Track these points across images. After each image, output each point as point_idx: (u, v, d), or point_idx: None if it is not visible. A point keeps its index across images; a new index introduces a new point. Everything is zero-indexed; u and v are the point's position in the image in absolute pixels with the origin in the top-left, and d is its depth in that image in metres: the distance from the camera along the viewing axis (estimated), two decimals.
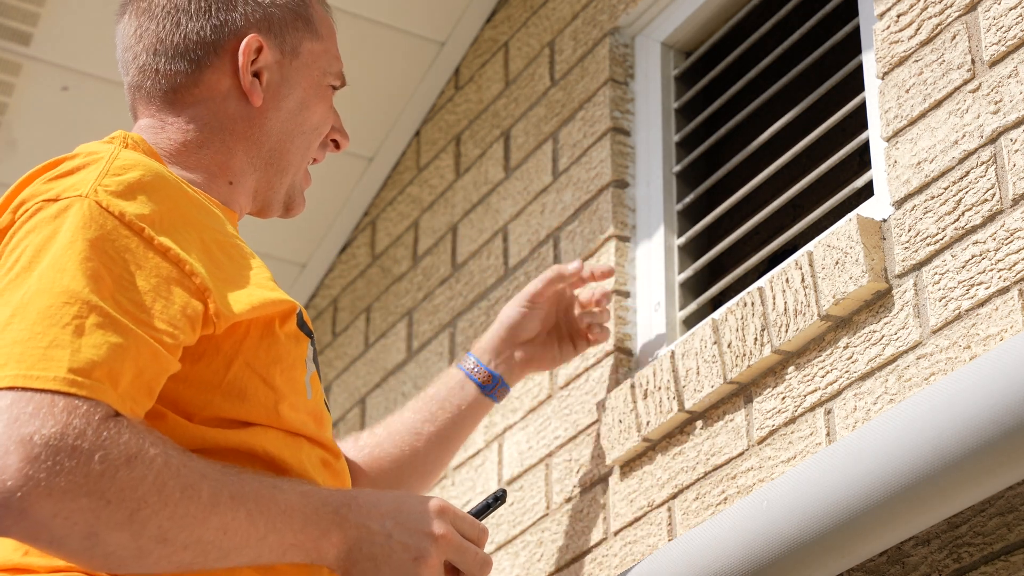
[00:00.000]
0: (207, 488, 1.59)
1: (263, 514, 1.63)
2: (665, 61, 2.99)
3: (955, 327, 2.06)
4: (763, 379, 2.37)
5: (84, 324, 1.57)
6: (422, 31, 3.51)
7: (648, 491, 2.54)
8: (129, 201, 1.68)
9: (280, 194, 2.00)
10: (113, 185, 1.69)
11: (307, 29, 1.99)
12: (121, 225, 1.66)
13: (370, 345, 3.59)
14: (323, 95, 2.01)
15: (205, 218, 1.78)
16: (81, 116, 3.56)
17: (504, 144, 3.28)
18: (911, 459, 1.82)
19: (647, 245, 2.83)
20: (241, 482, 1.63)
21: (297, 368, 1.79)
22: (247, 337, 1.74)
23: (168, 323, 1.64)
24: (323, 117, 2.01)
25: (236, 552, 1.62)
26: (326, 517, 1.68)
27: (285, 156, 1.97)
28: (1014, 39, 2.08)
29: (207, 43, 1.93)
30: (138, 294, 1.63)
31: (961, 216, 2.09)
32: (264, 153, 1.96)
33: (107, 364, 1.57)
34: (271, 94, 1.95)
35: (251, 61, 1.93)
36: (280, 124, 1.96)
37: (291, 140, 1.97)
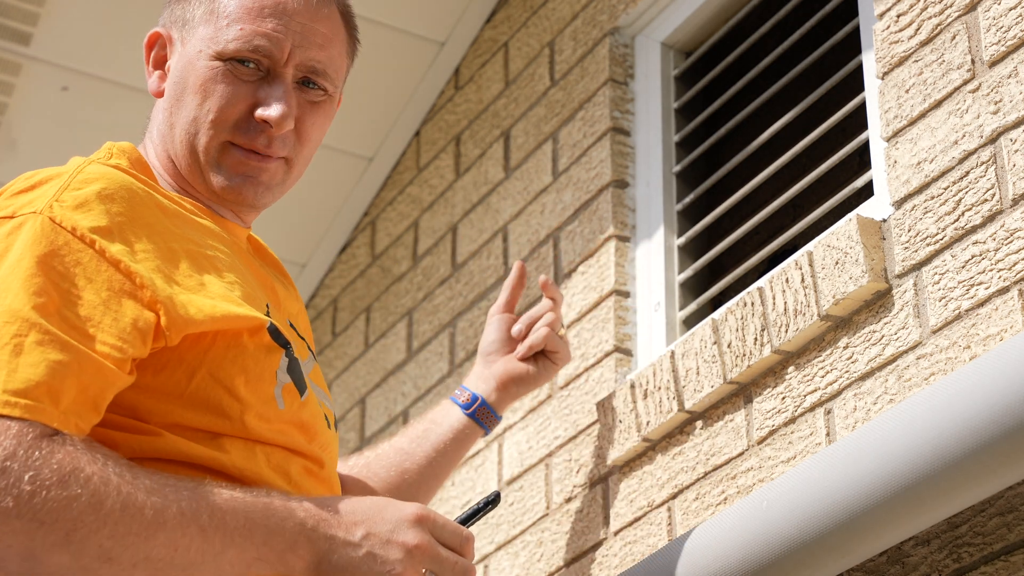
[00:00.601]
0: (152, 504, 1.55)
1: (219, 529, 1.59)
2: (665, 61, 2.99)
3: (955, 327, 2.06)
4: (763, 379, 2.37)
5: (23, 343, 1.56)
6: (422, 31, 3.51)
7: (648, 491, 2.54)
8: (84, 214, 1.68)
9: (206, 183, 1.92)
10: (69, 200, 1.69)
11: (206, 14, 1.93)
12: (73, 239, 1.65)
13: (370, 345, 3.59)
14: (209, 73, 1.90)
15: (177, 227, 1.77)
16: (81, 116, 3.56)
17: (504, 144, 3.28)
18: (911, 459, 1.82)
19: (647, 245, 2.83)
20: (195, 496, 1.59)
21: (265, 380, 1.76)
22: (212, 348, 1.72)
23: (117, 336, 1.63)
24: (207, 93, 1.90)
25: (193, 568, 1.58)
26: (292, 529, 1.64)
27: (185, 142, 1.91)
28: (1014, 39, 2.08)
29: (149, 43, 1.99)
30: (86, 308, 1.62)
31: (961, 216, 2.09)
32: (173, 144, 1.93)
33: (46, 383, 1.55)
34: (168, 84, 1.94)
35: (158, 57, 1.95)
36: (174, 113, 1.92)
37: (183, 124, 1.91)
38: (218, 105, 1.90)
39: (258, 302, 1.83)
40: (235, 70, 1.91)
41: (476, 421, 2.48)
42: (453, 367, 3.23)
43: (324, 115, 1.97)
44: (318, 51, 1.94)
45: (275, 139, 1.92)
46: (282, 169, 1.95)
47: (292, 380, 1.83)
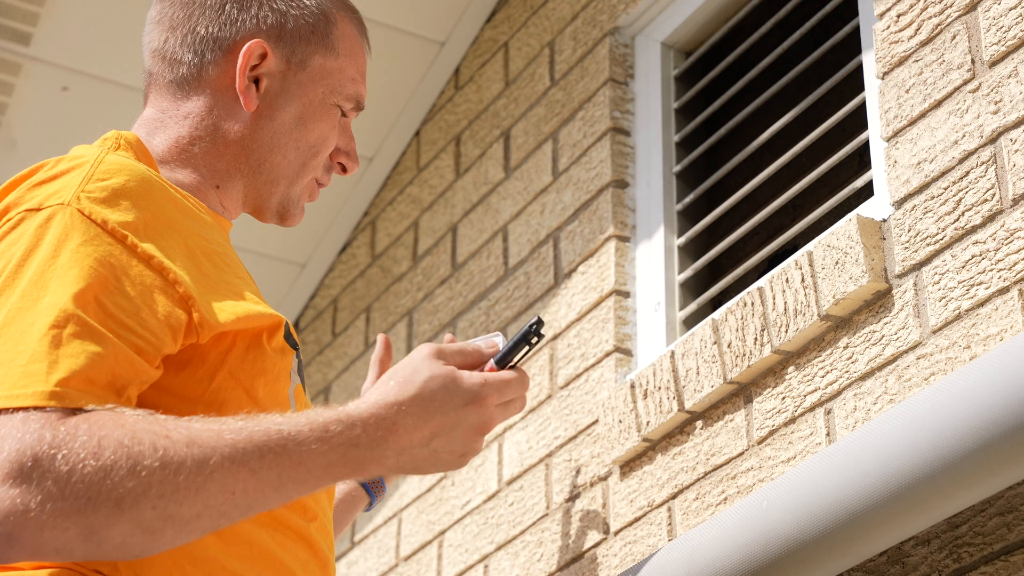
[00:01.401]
0: (192, 456, 1.52)
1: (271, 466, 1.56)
2: (665, 61, 2.99)
3: (955, 327, 2.06)
4: (763, 379, 2.37)
5: (61, 335, 1.55)
6: (422, 31, 3.51)
7: (648, 491, 2.54)
8: (112, 208, 1.66)
9: (272, 203, 1.96)
10: (96, 191, 1.67)
11: (323, 44, 1.94)
12: (104, 233, 1.64)
13: (370, 345, 3.59)
14: (327, 114, 1.95)
15: (192, 224, 1.76)
16: (81, 116, 3.56)
17: (504, 144, 3.28)
18: (911, 459, 1.82)
19: (647, 245, 2.83)
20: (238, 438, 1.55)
21: (281, 381, 1.77)
22: (233, 348, 1.71)
23: (149, 331, 1.62)
24: (323, 135, 1.95)
25: (260, 503, 1.57)
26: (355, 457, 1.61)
27: (275, 168, 1.93)
28: (1014, 39, 2.08)
29: (215, 39, 1.91)
30: (121, 300, 1.61)
31: (961, 216, 2.09)
32: (252, 161, 1.92)
33: (84, 372, 1.55)
34: (268, 102, 1.91)
35: (252, 66, 1.90)
36: (272, 134, 1.92)
37: (282, 152, 1.92)
38: (325, 149, 1.97)
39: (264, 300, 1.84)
40: (339, 114, 1.97)
41: (363, 487, 2.44)
42: None
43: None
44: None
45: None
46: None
47: (301, 381, 1.83)
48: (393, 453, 1.63)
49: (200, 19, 1.92)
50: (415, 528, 3.17)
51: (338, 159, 2.00)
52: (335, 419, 1.61)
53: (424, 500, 3.18)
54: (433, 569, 3.07)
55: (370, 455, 1.62)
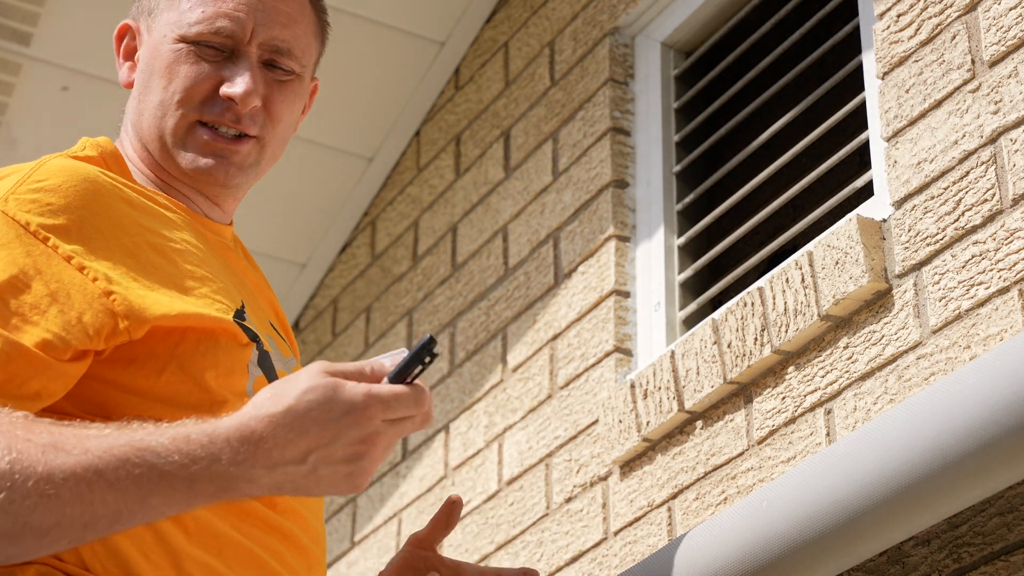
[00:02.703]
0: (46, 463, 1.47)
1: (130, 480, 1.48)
2: (665, 61, 2.99)
3: (955, 327, 2.06)
4: (763, 379, 2.37)
5: None
6: (422, 31, 3.51)
7: (648, 491, 2.54)
8: (39, 209, 1.68)
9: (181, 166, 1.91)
10: (25, 194, 1.69)
11: (168, 4, 1.95)
12: (26, 234, 1.66)
13: (370, 345, 3.59)
14: (171, 55, 1.92)
15: (146, 220, 1.77)
16: (81, 116, 3.56)
17: (504, 144, 3.28)
18: (911, 459, 1.82)
19: (647, 245, 2.83)
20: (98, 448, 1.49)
21: (236, 374, 1.75)
22: (182, 342, 1.71)
23: (60, 327, 1.62)
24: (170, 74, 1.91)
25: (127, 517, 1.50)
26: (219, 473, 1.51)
27: (153, 126, 1.92)
28: (1014, 39, 2.08)
29: (119, 31, 2.00)
30: (32, 297, 1.62)
31: (961, 216, 2.09)
32: (142, 132, 1.94)
33: None
34: (139, 74, 1.96)
35: (128, 46, 1.97)
36: (143, 100, 1.94)
37: (151, 109, 1.93)
38: (183, 86, 1.91)
39: (230, 297, 1.82)
40: (199, 51, 1.92)
41: None
42: (453, 367, 3.23)
43: (293, 94, 1.96)
44: (282, 30, 1.94)
45: (243, 116, 1.92)
46: (255, 149, 1.95)
47: (263, 373, 1.81)
48: (264, 470, 1.51)
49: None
50: (415, 528, 3.17)
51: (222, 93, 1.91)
52: (199, 432, 1.51)
53: (424, 500, 3.18)
54: None
55: (236, 471, 1.50)
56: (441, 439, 3.18)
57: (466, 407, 3.12)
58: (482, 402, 3.08)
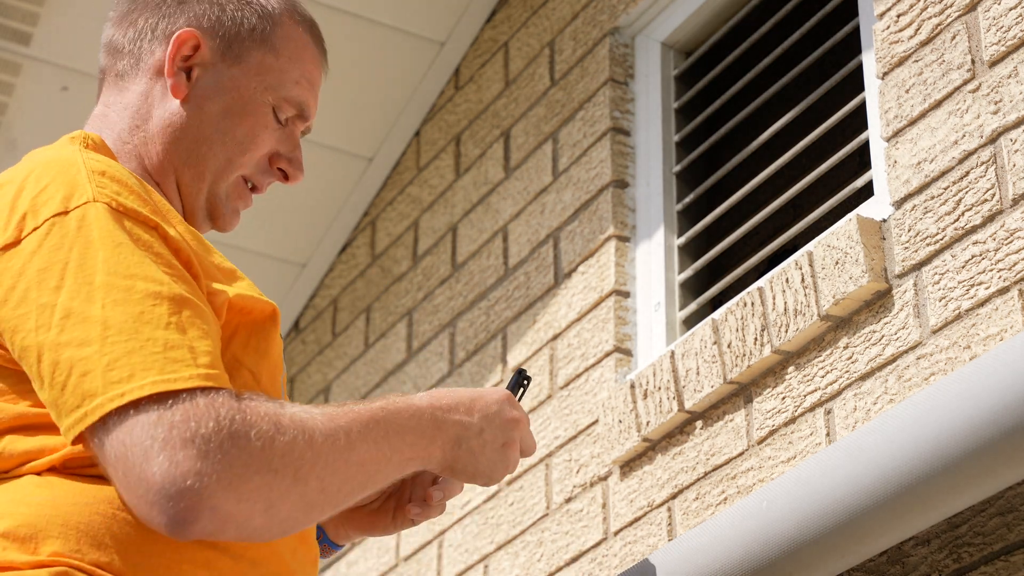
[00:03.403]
0: (341, 430, 1.62)
1: (385, 438, 1.66)
2: (665, 61, 2.99)
3: (955, 327, 2.06)
4: (763, 379, 2.37)
5: (181, 320, 1.60)
6: (422, 31, 3.51)
7: (648, 491, 2.54)
8: (129, 198, 1.68)
9: (199, 201, 1.93)
10: (107, 185, 1.68)
11: (262, 42, 1.92)
12: (139, 222, 1.67)
13: (370, 345, 3.59)
14: (258, 110, 1.92)
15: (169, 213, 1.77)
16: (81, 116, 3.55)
17: (504, 144, 3.28)
18: (911, 459, 1.82)
19: (647, 245, 2.83)
20: (358, 414, 1.65)
21: (278, 367, 1.79)
22: (236, 334, 1.73)
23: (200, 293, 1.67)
24: (250, 132, 1.91)
25: (371, 481, 1.66)
26: (429, 426, 1.73)
27: (201, 160, 1.90)
28: (1014, 39, 2.08)
29: (152, 30, 1.92)
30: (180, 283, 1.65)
31: (961, 216, 2.09)
32: (181, 151, 1.90)
33: (211, 351, 1.60)
34: (198, 92, 1.90)
35: (185, 56, 1.90)
36: (199, 124, 1.90)
37: (207, 144, 1.90)
38: (255, 146, 1.93)
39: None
40: (278, 116, 1.94)
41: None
42: (453, 367, 3.23)
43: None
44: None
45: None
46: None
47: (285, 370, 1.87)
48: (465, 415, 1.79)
49: (142, 13, 1.93)
50: (415, 528, 3.17)
51: (278, 164, 1.95)
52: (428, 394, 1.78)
53: None
54: (433, 569, 3.07)
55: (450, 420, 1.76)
56: None
57: None
58: None
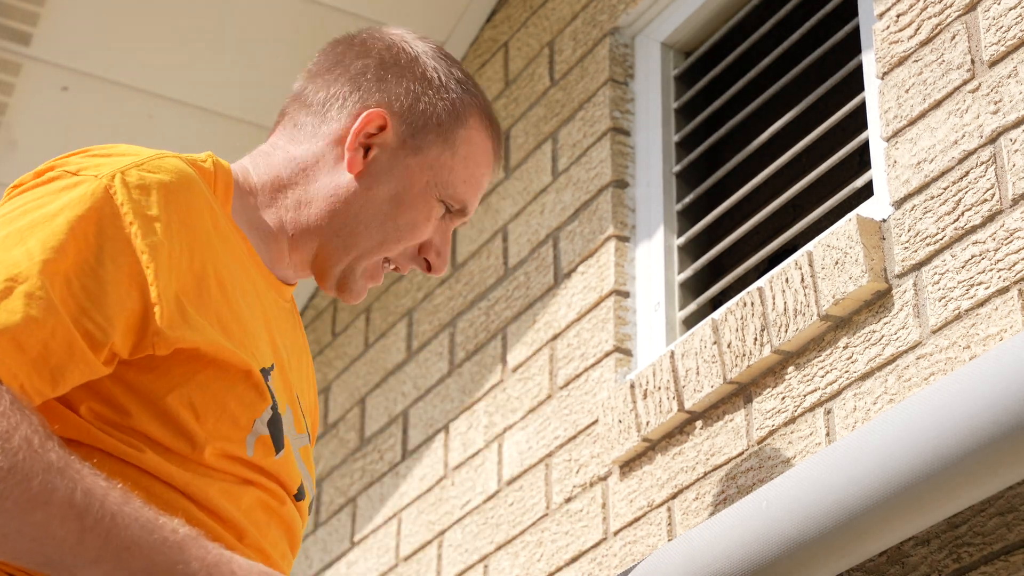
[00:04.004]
0: (44, 481, 1.49)
1: (101, 537, 1.52)
2: (665, 61, 2.99)
3: (955, 327, 2.06)
4: (763, 379, 2.37)
5: (13, 289, 1.56)
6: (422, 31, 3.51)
7: (648, 491, 2.54)
8: (138, 196, 1.67)
9: (336, 269, 1.94)
10: (134, 178, 1.68)
11: (444, 137, 1.94)
12: (116, 215, 1.65)
13: (370, 345, 3.59)
14: (424, 203, 1.94)
15: (218, 246, 1.76)
16: (81, 116, 3.56)
17: (504, 144, 3.28)
18: (911, 459, 1.82)
19: (647, 245, 2.83)
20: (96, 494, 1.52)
21: (240, 425, 1.74)
22: (201, 372, 1.70)
23: (106, 319, 1.61)
24: (412, 222, 1.93)
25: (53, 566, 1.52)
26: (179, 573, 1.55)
27: (355, 236, 1.92)
28: (1014, 39, 2.08)
29: (345, 98, 1.93)
30: (90, 284, 1.61)
31: (961, 216, 2.09)
32: (336, 223, 1.91)
33: (13, 330, 1.54)
34: (371, 172, 1.92)
35: (368, 133, 1.92)
36: (364, 202, 1.92)
37: (366, 224, 1.92)
38: (413, 237, 1.95)
39: (263, 354, 1.81)
40: (440, 210, 1.96)
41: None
42: (453, 367, 3.23)
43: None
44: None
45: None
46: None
47: (270, 434, 1.79)
48: None
49: (341, 76, 1.95)
50: (415, 528, 3.17)
51: (426, 254, 1.98)
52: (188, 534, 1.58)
53: (424, 500, 3.18)
54: (433, 569, 3.07)
55: None
56: (441, 439, 3.19)
57: (466, 407, 3.12)
58: (482, 402, 3.08)
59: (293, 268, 1.95)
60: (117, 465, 1.66)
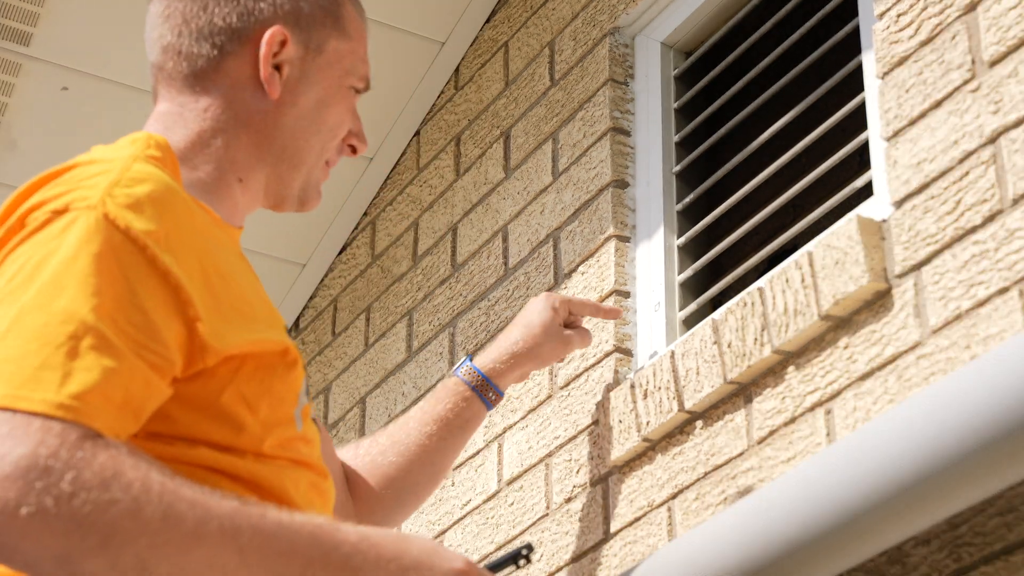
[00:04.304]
0: (193, 517, 1.50)
1: (258, 551, 1.53)
2: (665, 61, 2.99)
3: (955, 327, 2.06)
4: (763, 379, 2.37)
5: (79, 346, 1.52)
6: (422, 31, 3.51)
7: (648, 491, 2.54)
8: (137, 215, 1.64)
9: (293, 190, 1.95)
10: (122, 197, 1.64)
11: (335, 27, 1.94)
12: (127, 240, 1.61)
13: (370, 345, 3.59)
14: (343, 96, 1.97)
15: (205, 242, 1.74)
16: (81, 116, 3.56)
17: (504, 144, 3.28)
18: (911, 459, 1.82)
19: (647, 245, 2.83)
20: (238, 514, 1.53)
21: (287, 402, 1.75)
22: (242, 367, 1.70)
23: (164, 347, 1.59)
24: (340, 118, 1.97)
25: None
26: (336, 563, 1.57)
27: (298, 153, 1.93)
28: (1014, 39, 2.08)
29: (232, 29, 1.89)
30: (137, 316, 1.58)
31: (961, 216, 2.09)
32: (276, 148, 1.91)
33: (100, 388, 1.52)
34: (289, 89, 1.91)
35: (273, 53, 1.89)
36: (295, 120, 1.91)
37: (305, 137, 1.93)
38: (342, 132, 1.98)
39: (278, 318, 1.81)
40: (354, 96, 1.99)
41: (486, 404, 2.52)
42: (453, 367, 3.23)
43: None
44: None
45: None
46: None
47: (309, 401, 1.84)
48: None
49: (216, 11, 1.90)
50: (415, 528, 3.17)
51: (349, 141, 2.01)
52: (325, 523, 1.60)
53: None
54: None
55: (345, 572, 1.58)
56: None
57: None
58: None
59: (244, 210, 1.93)
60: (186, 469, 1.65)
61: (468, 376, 2.52)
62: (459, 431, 2.50)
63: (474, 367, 2.53)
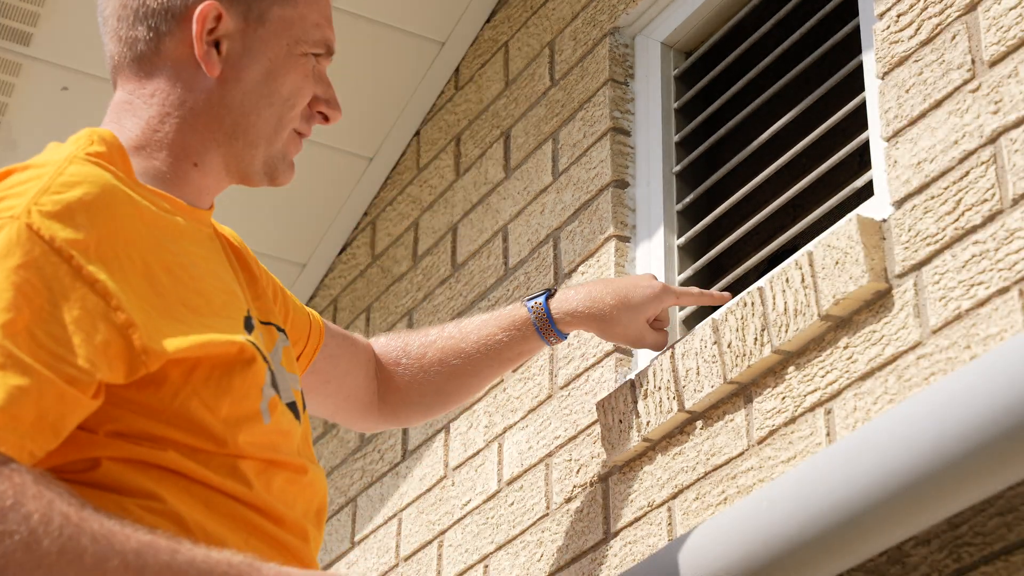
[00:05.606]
0: (94, 553, 1.46)
1: None
2: (665, 61, 2.99)
3: (955, 327, 2.06)
4: (763, 379, 2.37)
5: None
6: (422, 31, 3.51)
7: (648, 491, 2.54)
8: (63, 223, 1.60)
9: (256, 166, 1.89)
10: (49, 205, 1.60)
11: None
12: (51, 251, 1.58)
13: None
14: (295, 64, 1.88)
15: (157, 235, 1.70)
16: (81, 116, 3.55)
17: (504, 144, 3.28)
18: (911, 459, 1.82)
19: (647, 245, 2.83)
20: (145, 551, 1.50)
21: (251, 397, 1.72)
22: (196, 370, 1.66)
23: (85, 359, 1.56)
24: (295, 87, 1.88)
25: None
26: None
27: (252, 129, 1.86)
28: (1014, 39, 2.08)
29: (165, 9, 1.85)
30: (56, 327, 1.55)
31: (961, 216, 2.09)
32: (226, 127, 1.85)
33: (5, 409, 1.49)
34: (231, 64, 1.85)
35: (209, 29, 1.84)
36: (242, 96, 1.85)
37: (257, 112, 1.86)
38: (301, 99, 1.90)
39: (237, 307, 1.77)
40: (311, 63, 1.90)
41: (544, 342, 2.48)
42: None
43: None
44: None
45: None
46: None
47: (277, 393, 1.78)
48: None
49: None
50: (415, 528, 3.17)
51: (318, 108, 1.93)
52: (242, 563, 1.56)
53: (424, 500, 3.18)
54: (433, 569, 3.07)
55: None
56: (441, 439, 3.19)
57: (466, 407, 3.12)
58: (482, 402, 3.08)
59: (210, 191, 1.89)
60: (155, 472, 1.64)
61: (536, 315, 2.46)
62: (509, 363, 2.48)
63: (545, 309, 2.46)
